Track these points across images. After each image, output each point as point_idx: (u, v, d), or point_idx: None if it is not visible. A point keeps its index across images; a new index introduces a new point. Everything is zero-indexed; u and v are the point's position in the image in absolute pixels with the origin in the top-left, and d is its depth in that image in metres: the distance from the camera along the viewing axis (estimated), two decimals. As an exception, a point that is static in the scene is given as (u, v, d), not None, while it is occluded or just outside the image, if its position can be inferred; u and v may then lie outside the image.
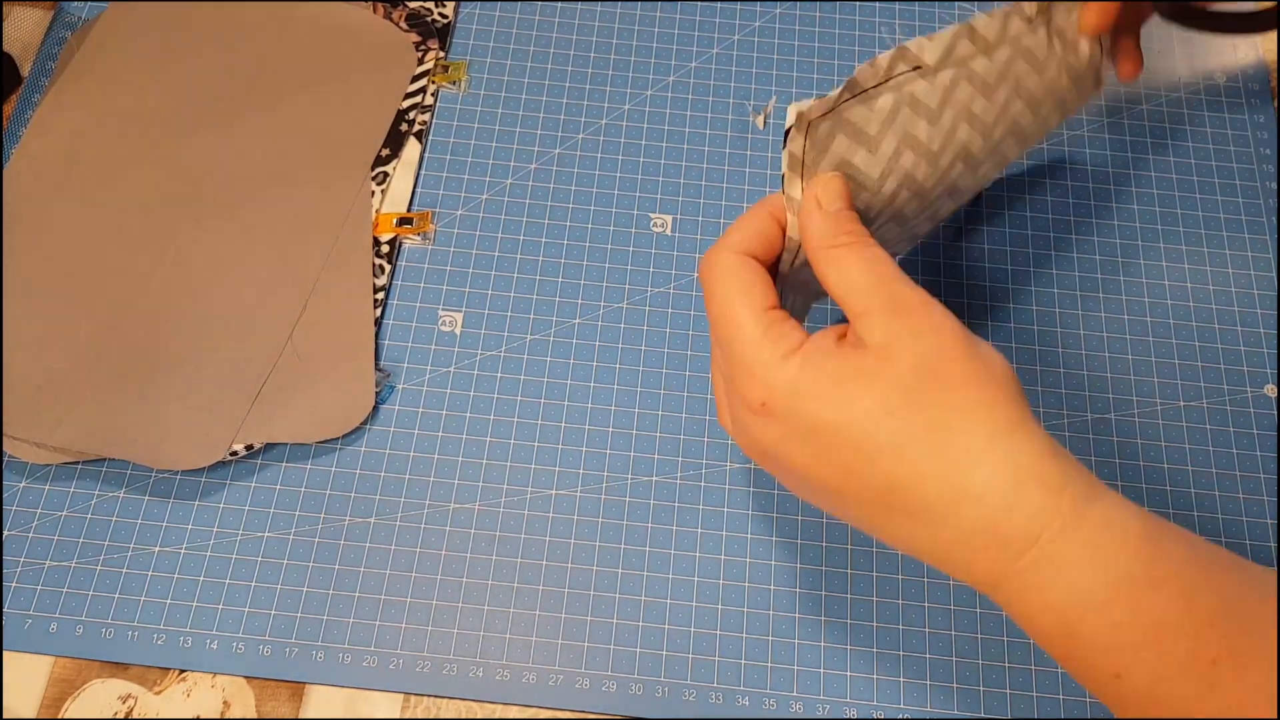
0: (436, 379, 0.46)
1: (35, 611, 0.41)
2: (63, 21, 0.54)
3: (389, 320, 0.47)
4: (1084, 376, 0.46)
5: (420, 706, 0.40)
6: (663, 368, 0.46)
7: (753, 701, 0.40)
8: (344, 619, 0.41)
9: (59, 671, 0.40)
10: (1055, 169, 0.51)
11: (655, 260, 0.49)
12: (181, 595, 0.41)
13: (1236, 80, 0.54)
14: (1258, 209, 0.50)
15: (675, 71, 0.54)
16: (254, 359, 0.45)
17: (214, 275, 0.47)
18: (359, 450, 0.44)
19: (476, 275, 0.48)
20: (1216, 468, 0.44)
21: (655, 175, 0.51)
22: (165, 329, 0.46)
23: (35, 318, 0.46)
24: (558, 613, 0.42)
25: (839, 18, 0.55)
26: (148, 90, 0.52)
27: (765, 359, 0.31)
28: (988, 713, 0.40)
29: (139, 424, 0.43)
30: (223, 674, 0.40)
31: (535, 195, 0.50)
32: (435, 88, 0.53)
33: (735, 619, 0.42)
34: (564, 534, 0.43)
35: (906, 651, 0.41)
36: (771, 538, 0.43)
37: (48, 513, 0.43)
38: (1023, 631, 0.41)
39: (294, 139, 0.51)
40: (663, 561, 0.42)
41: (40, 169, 0.49)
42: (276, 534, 0.43)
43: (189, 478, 0.44)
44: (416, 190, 0.50)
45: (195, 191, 0.49)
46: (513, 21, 0.55)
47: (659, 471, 0.44)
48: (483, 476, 0.44)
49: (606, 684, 0.40)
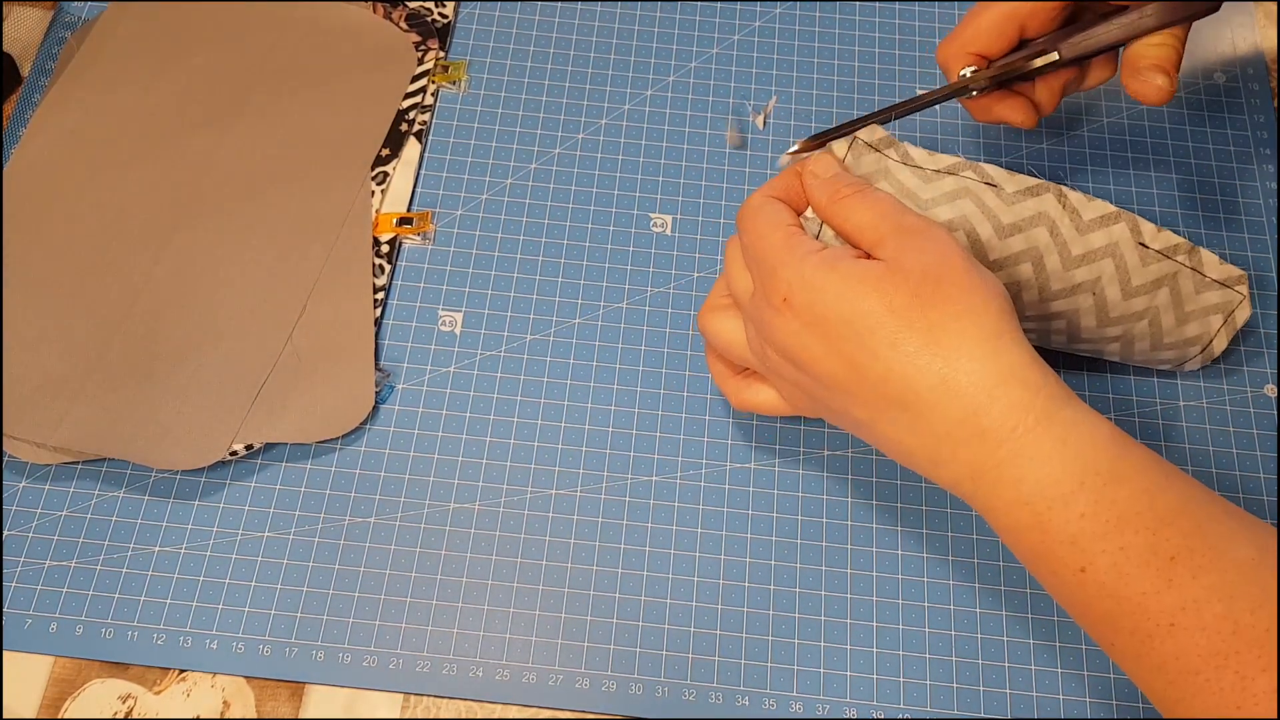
0: (436, 379, 0.46)
1: (35, 611, 0.41)
2: (63, 21, 0.54)
3: (389, 320, 0.47)
4: (1083, 376, 0.46)
5: (420, 706, 0.40)
6: (663, 368, 0.46)
7: (752, 701, 0.40)
8: (344, 619, 0.41)
9: (59, 671, 0.40)
10: (1055, 169, 0.51)
11: (655, 260, 0.49)
12: (181, 595, 0.41)
13: (1236, 79, 0.54)
14: (1258, 209, 0.50)
15: (675, 71, 0.54)
16: (254, 359, 0.45)
17: (214, 275, 0.47)
18: (359, 450, 0.44)
19: (476, 275, 0.48)
20: (1216, 468, 0.44)
21: (655, 175, 0.51)
22: (165, 329, 0.46)
23: (35, 318, 0.46)
24: (558, 613, 0.42)
25: (839, 18, 0.55)
26: (147, 90, 0.52)
27: (787, 259, 0.35)
28: (988, 713, 0.40)
29: (139, 424, 0.43)
30: (222, 674, 0.40)
31: (535, 195, 0.50)
32: (435, 88, 0.53)
33: (735, 619, 0.42)
34: (564, 534, 0.43)
35: (906, 651, 0.41)
36: (771, 538, 0.43)
37: (48, 513, 0.43)
38: (1023, 631, 0.41)
39: (294, 139, 0.51)
40: (663, 561, 0.42)
41: (40, 169, 0.49)
42: (276, 534, 0.43)
43: (189, 478, 0.44)
44: (416, 190, 0.50)
45: (195, 191, 0.49)
46: (513, 21, 0.55)
47: (659, 471, 0.44)
48: (483, 476, 0.44)
49: (606, 684, 0.40)
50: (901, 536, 0.43)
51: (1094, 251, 0.39)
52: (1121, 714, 0.40)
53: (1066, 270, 0.39)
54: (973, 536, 0.43)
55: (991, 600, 0.42)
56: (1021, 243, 0.39)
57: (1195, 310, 0.41)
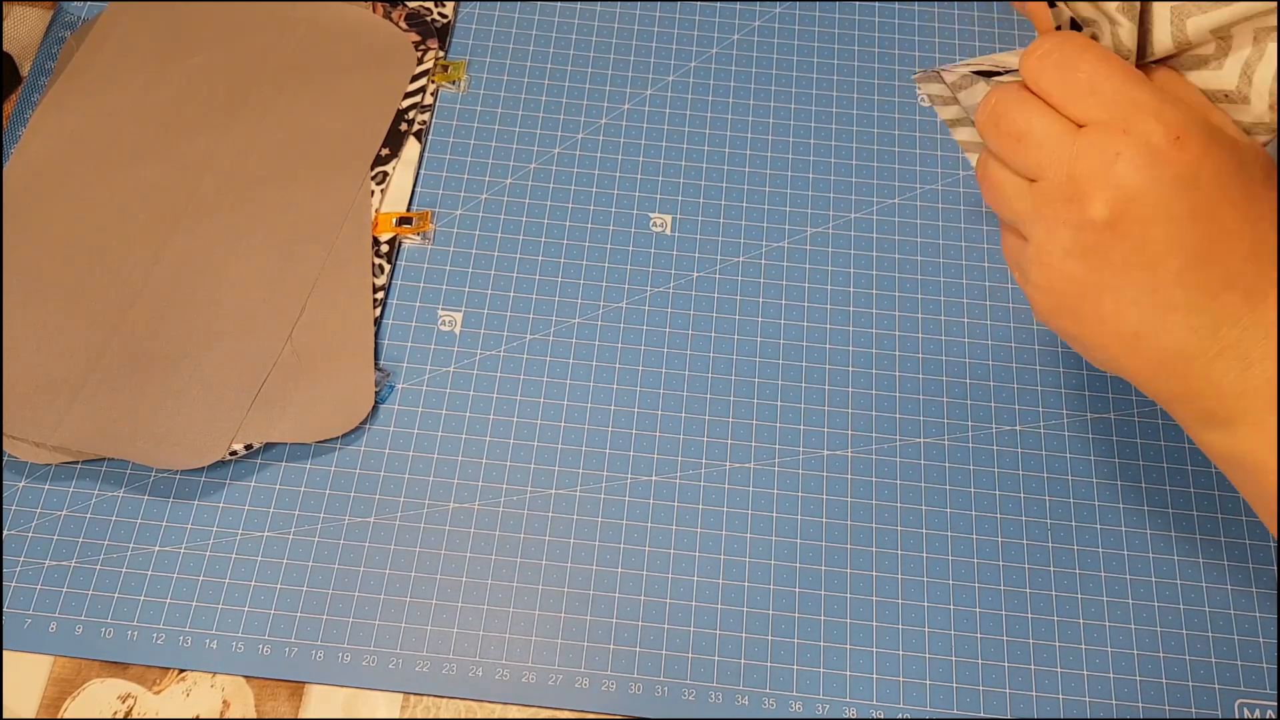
0: (436, 379, 0.46)
1: (35, 611, 0.41)
2: (62, 21, 0.54)
3: (389, 320, 0.47)
4: (1084, 376, 0.46)
5: (419, 706, 0.40)
6: (662, 368, 0.46)
7: (752, 701, 0.40)
8: (343, 618, 0.41)
9: (59, 671, 0.40)
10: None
11: (655, 260, 0.49)
12: (181, 595, 0.41)
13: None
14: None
15: (675, 71, 0.54)
16: (254, 358, 0.45)
17: (213, 275, 0.47)
18: (358, 450, 0.44)
19: (476, 275, 0.48)
20: (1216, 468, 0.44)
21: (655, 175, 0.51)
22: (165, 329, 0.46)
23: (35, 317, 0.46)
24: (557, 612, 0.42)
25: (839, 17, 0.55)
26: (147, 90, 0.52)
27: (1171, 99, 0.30)
28: (987, 713, 0.40)
29: (138, 424, 0.43)
30: (222, 673, 0.40)
31: (535, 195, 0.50)
32: (435, 87, 0.53)
33: (734, 618, 0.42)
34: (564, 534, 0.43)
35: (906, 651, 0.41)
36: (771, 538, 0.43)
37: (47, 512, 0.43)
38: (1023, 631, 0.41)
39: (293, 139, 0.51)
40: (662, 561, 0.42)
41: (40, 169, 0.49)
42: (276, 533, 0.43)
43: (189, 477, 0.44)
44: (416, 190, 0.50)
45: (195, 191, 0.49)
46: (512, 21, 0.55)
47: (659, 471, 0.44)
48: (482, 476, 0.44)
49: (606, 683, 0.40)
50: (901, 536, 0.43)
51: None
52: (1121, 714, 0.40)
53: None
54: (973, 536, 0.43)
55: (991, 600, 0.42)
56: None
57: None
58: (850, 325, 0.47)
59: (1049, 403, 0.46)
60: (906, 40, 0.55)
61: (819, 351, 0.47)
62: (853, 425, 0.45)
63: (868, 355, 0.47)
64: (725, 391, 0.46)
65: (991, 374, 0.46)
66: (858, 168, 0.51)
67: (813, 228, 0.50)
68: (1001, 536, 0.43)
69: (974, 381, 0.46)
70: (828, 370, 0.46)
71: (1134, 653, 0.41)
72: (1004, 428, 0.45)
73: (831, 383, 0.46)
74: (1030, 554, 0.43)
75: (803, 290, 0.48)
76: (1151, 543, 0.43)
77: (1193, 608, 0.42)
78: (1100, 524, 0.43)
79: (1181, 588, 0.42)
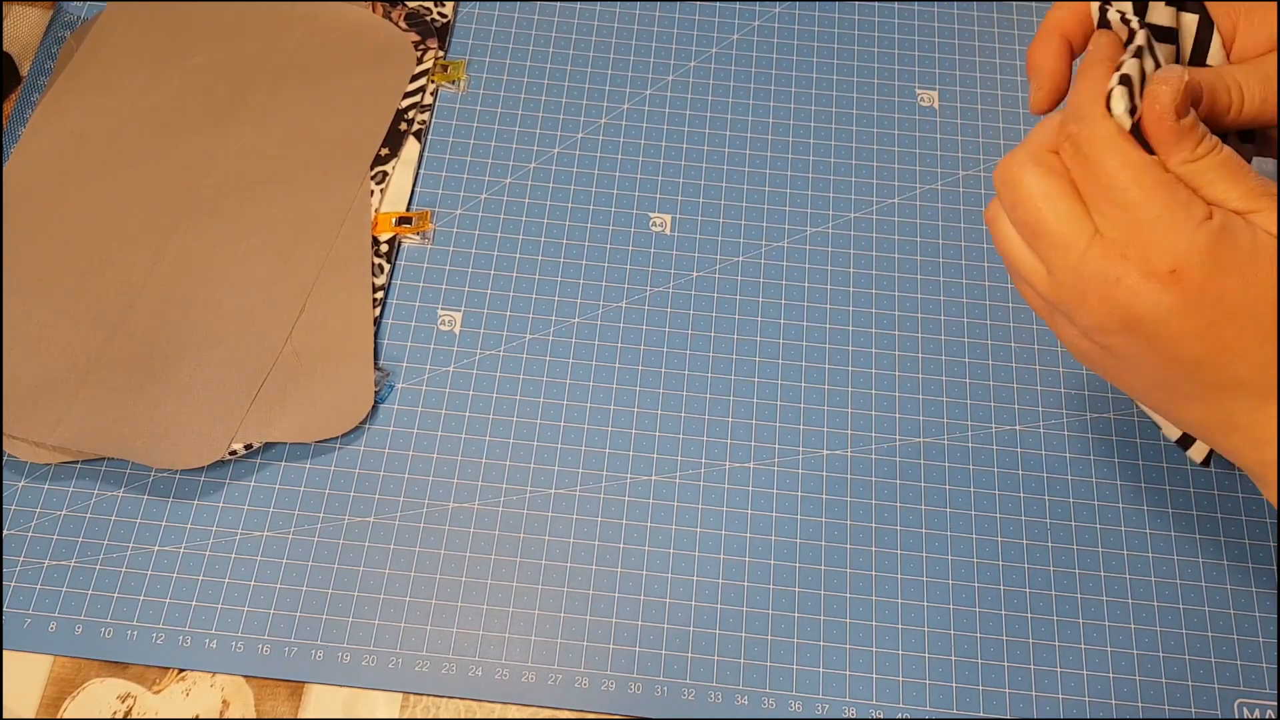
0: (436, 378, 0.46)
1: (35, 611, 0.41)
2: (62, 21, 0.54)
3: (388, 320, 0.47)
4: (1084, 376, 0.46)
5: (419, 706, 0.40)
6: (662, 368, 0.46)
7: (752, 701, 0.40)
8: (343, 618, 0.41)
9: (58, 671, 0.40)
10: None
11: (655, 260, 0.49)
12: (180, 594, 0.41)
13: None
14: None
15: (675, 71, 0.54)
16: (254, 358, 0.45)
17: (213, 274, 0.47)
18: (358, 450, 0.44)
19: (476, 274, 0.48)
20: (1215, 467, 0.44)
21: (655, 175, 0.51)
22: (164, 328, 0.46)
23: (35, 317, 0.46)
24: (557, 612, 0.42)
25: (839, 17, 0.55)
26: (147, 89, 0.52)
27: (1179, 222, 0.29)
28: (987, 712, 0.40)
29: (138, 423, 0.43)
30: (222, 673, 0.40)
31: (535, 195, 0.50)
32: (434, 87, 0.53)
33: (734, 618, 0.42)
34: (563, 533, 0.43)
35: (906, 651, 0.41)
36: (771, 537, 0.43)
37: (47, 512, 0.43)
38: (1023, 631, 0.41)
39: (293, 138, 0.51)
40: (662, 561, 0.42)
41: (40, 168, 0.49)
42: (276, 533, 0.43)
43: (188, 477, 0.44)
44: (416, 189, 0.50)
45: (194, 191, 0.49)
46: (512, 21, 0.55)
47: (659, 471, 0.44)
48: (482, 476, 0.44)
49: (605, 683, 0.40)
50: (901, 536, 0.43)
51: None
52: (1121, 714, 0.40)
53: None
54: (972, 536, 0.43)
55: (991, 600, 0.42)
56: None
57: None
58: (850, 325, 0.47)
59: (1049, 403, 0.46)
60: (907, 40, 0.55)
61: (819, 351, 0.47)
62: (853, 425, 0.45)
63: (868, 355, 0.47)
64: (725, 391, 0.46)
65: (991, 374, 0.46)
66: (858, 167, 0.51)
67: (813, 227, 0.50)
68: (1001, 536, 0.43)
69: (974, 381, 0.46)
70: (827, 370, 0.46)
71: (1134, 652, 0.41)
72: (1004, 428, 0.45)
73: (831, 382, 0.46)
74: (1030, 554, 0.43)
75: (802, 290, 0.48)
76: (1151, 543, 0.43)
77: (1192, 608, 0.42)
78: (1100, 524, 0.43)
79: (1181, 588, 0.42)
